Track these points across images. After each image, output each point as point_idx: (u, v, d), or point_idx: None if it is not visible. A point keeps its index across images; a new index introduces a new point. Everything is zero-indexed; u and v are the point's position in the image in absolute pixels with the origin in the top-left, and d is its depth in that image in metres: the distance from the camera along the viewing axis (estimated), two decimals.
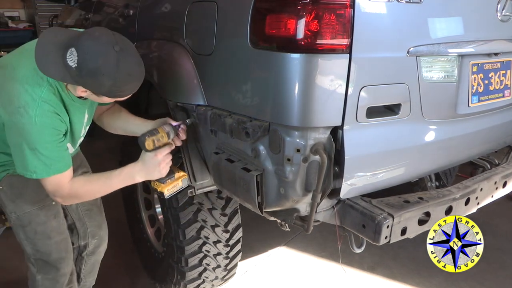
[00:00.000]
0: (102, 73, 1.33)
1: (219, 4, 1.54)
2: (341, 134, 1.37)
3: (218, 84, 1.62)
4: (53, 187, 1.51)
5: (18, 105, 1.39)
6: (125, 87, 1.43)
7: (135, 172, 1.61)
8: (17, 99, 1.39)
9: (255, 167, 1.49)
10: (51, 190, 1.52)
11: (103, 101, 1.52)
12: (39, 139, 1.41)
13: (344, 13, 1.26)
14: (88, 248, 2.05)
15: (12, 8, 7.76)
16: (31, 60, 1.38)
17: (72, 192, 1.54)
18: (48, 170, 1.46)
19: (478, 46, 1.67)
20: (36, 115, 1.39)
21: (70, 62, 1.33)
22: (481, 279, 2.57)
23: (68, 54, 1.33)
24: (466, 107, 1.72)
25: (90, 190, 1.60)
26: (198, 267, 2.08)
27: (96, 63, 1.33)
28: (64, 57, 1.34)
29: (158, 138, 1.59)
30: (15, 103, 1.39)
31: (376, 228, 1.41)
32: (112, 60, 1.34)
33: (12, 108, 1.39)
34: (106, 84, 1.36)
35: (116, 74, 1.35)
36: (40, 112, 1.40)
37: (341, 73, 1.30)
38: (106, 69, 1.34)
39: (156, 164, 1.59)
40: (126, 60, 1.38)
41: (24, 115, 1.38)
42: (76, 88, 1.44)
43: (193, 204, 1.95)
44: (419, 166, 1.67)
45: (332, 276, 2.60)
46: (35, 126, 1.39)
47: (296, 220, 1.56)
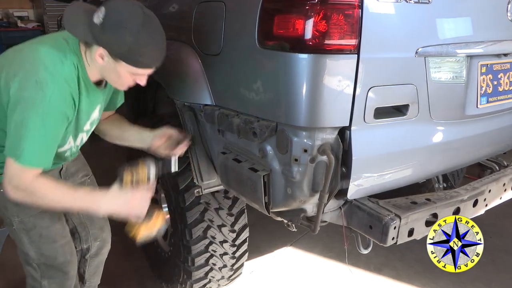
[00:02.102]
0: (125, 26, 1.32)
1: (227, 4, 1.55)
2: (348, 134, 1.37)
3: (226, 84, 1.62)
4: (16, 174, 1.36)
5: (35, 80, 1.31)
6: (145, 50, 1.38)
7: (102, 201, 1.47)
8: (34, 74, 1.32)
9: (262, 167, 1.49)
10: (11, 175, 1.37)
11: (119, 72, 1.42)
12: (44, 119, 1.32)
13: (352, 13, 1.26)
14: (91, 251, 2.03)
15: (21, 8, 7.83)
16: (53, 40, 1.38)
17: (30, 186, 1.38)
18: (31, 158, 1.35)
19: (487, 46, 1.66)
20: (52, 93, 1.32)
21: (96, 19, 1.32)
22: (488, 281, 2.55)
23: (96, 13, 1.33)
24: (475, 108, 1.71)
25: (49, 194, 1.41)
26: (204, 267, 2.08)
27: (121, 15, 1.32)
28: (91, 17, 1.33)
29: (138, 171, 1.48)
30: (31, 78, 1.32)
31: (383, 229, 1.40)
32: (137, 18, 1.33)
33: (27, 83, 1.32)
34: (127, 40, 1.32)
35: (139, 32, 1.33)
36: (57, 92, 1.34)
37: (349, 73, 1.30)
38: (130, 23, 1.32)
39: (126, 203, 1.46)
40: (151, 23, 1.37)
41: (38, 91, 1.31)
42: (94, 56, 1.39)
43: (200, 204, 1.95)
44: (426, 167, 1.66)
45: (338, 277, 2.60)
46: (47, 104, 1.31)
47: (303, 220, 1.55)
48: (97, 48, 1.37)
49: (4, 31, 7.10)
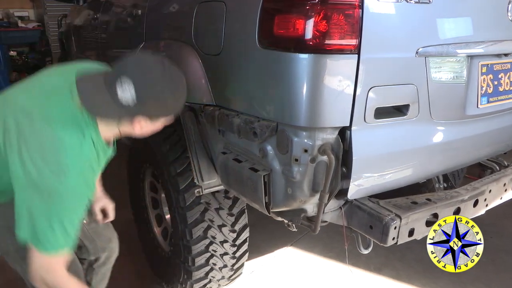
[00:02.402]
0: (161, 92, 1.25)
1: (228, 4, 1.55)
2: (349, 134, 1.37)
3: (226, 84, 1.62)
4: (46, 263, 1.27)
5: (56, 168, 1.20)
6: (182, 98, 1.34)
7: None
8: (55, 161, 1.21)
9: (263, 167, 1.49)
10: (40, 266, 1.28)
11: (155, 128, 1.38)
12: (69, 208, 1.25)
13: (352, 13, 1.26)
14: (99, 261, 1.97)
15: (21, 8, 7.83)
16: (70, 115, 1.26)
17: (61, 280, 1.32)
18: (58, 244, 1.26)
19: (487, 46, 1.65)
20: (76, 180, 1.23)
21: (126, 94, 1.19)
22: (488, 281, 2.55)
23: (119, 88, 1.20)
24: (475, 108, 1.71)
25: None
26: (204, 267, 2.08)
27: (152, 83, 1.23)
28: (114, 94, 1.20)
29: None
30: (51, 165, 1.20)
31: (383, 229, 1.40)
32: (166, 76, 1.26)
33: (47, 170, 1.20)
34: (169, 102, 1.29)
35: (175, 90, 1.29)
36: (82, 177, 1.25)
37: (350, 73, 1.30)
38: (164, 87, 1.25)
39: None
40: (175, 70, 1.31)
41: (61, 178, 1.20)
42: (125, 127, 1.32)
43: (200, 204, 1.95)
44: (427, 167, 1.66)
45: (339, 277, 2.60)
46: (72, 192, 1.22)
47: (303, 220, 1.56)
48: (133, 119, 1.28)
49: (4, 31, 7.09)
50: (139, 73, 1.23)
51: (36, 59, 7.90)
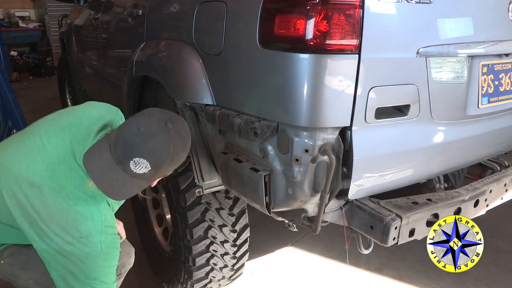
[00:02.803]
0: (177, 153, 1.27)
1: (228, 4, 1.55)
2: (349, 134, 1.37)
3: (227, 84, 1.62)
4: None
5: (78, 235, 1.26)
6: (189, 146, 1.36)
7: None
8: (75, 228, 1.26)
9: (263, 167, 1.49)
10: None
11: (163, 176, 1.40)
12: (104, 266, 1.31)
13: (353, 14, 1.26)
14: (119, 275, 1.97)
15: (22, 8, 7.86)
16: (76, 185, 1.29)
17: None
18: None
19: (488, 46, 1.65)
20: (101, 243, 1.28)
21: (141, 170, 1.22)
22: (490, 282, 2.54)
23: (133, 166, 1.21)
24: (476, 108, 1.70)
25: None
26: (205, 267, 2.08)
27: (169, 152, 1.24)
28: (128, 171, 1.22)
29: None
30: (73, 233, 1.26)
31: (384, 229, 1.40)
32: (175, 138, 1.26)
33: (69, 238, 1.26)
34: (182, 157, 1.32)
35: (184, 145, 1.31)
36: (105, 239, 1.30)
37: (350, 73, 1.30)
38: (178, 147, 1.27)
39: None
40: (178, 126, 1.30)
41: (87, 244, 1.26)
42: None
43: (201, 204, 1.95)
44: (427, 167, 1.66)
45: (339, 277, 2.59)
46: (101, 253, 1.28)
47: (304, 220, 1.55)
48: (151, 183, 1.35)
49: (5, 31, 7.11)
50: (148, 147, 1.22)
51: (36, 59, 7.92)
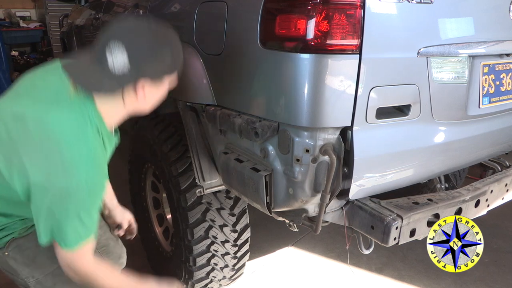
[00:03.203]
0: (160, 48, 1.17)
1: (229, 4, 1.55)
2: (350, 134, 1.37)
3: (228, 84, 1.62)
4: (73, 257, 1.26)
5: (61, 165, 1.14)
6: (180, 52, 1.27)
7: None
8: (58, 156, 1.14)
9: (264, 167, 1.49)
10: (69, 261, 1.27)
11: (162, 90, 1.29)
12: (87, 201, 1.20)
13: (354, 14, 1.26)
14: None
15: (23, 8, 7.85)
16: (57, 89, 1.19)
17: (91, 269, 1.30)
18: (79, 237, 1.22)
19: (489, 46, 1.65)
20: (87, 174, 1.16)
21: (118, 59, 1.11)
22: (491, 282, 2.54)
23: (109, 55, 1.11)
24: (477, 109, 1.70)
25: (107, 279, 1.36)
26: (206, 267, 2.08)
27: (149, 40, 1.15)
28: (106, 63, 1.12)
29: None
30: (56, 162, 1.14)
31: (385, 229, 1.40)
32: (155, 29, 1.18)
33: (52, 168, 1.14)
34: (167, 57, 1.21)
35: (169, 43, 1.21)
36: (92, 170, 1.18)
37: (351, 73, 1.30)
38: (161, 41, 1.18)
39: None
40: (164, 27, 1.22)
41: (72, 176, 1.14)
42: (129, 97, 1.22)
43: (202, 204, 1.95)
44: (428, 167, 1.66)
45: (340, 277, 2.59)
46: (86, 187, 1.16)
47: (305, 220, 1.56)
48: (135, 85, 1.19)
49: (6, 31, 7.10)
50: (127, 35, 1.14)
51: (37, 59, 7.92)
